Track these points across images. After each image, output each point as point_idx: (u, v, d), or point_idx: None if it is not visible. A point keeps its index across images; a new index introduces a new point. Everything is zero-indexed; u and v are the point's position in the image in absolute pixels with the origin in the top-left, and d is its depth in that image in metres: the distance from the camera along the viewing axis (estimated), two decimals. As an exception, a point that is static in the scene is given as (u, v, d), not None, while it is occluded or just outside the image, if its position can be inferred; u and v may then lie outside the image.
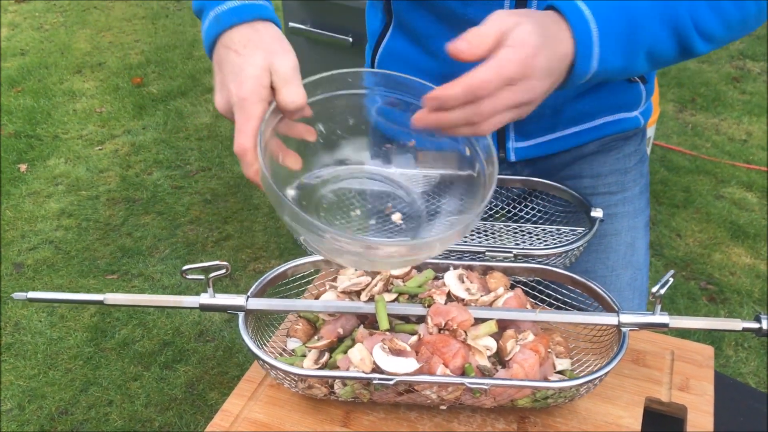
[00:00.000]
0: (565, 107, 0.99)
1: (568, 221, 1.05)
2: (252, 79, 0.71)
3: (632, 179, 1.10)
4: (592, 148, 1.06)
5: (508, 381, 0.76)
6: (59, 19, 4.72)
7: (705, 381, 0.88)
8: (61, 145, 3.32)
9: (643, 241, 1.13)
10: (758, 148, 3.15)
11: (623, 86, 1.02)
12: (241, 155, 0.71)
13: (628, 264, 1.11)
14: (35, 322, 2.33)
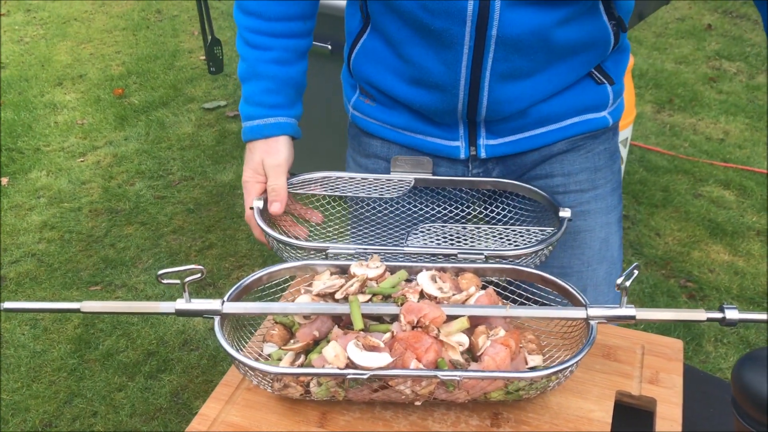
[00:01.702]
0: (532, 111, 1.01)
1: (538, 221, 1.07)
2: (251, 168, 1.09)
3: (603, 177, 1.12)
4: (562, 147, 1.08)
5: (480, 373, 0.78)
6: (39, 32, 4.71)
7: (674, 374, 0.90)
8: (43, 158, 3.32)
9: (617, 237, 1.15)
10: (735, 147, 3.19)
11: (590, 88, 1.04)
12: (248, 221, 1.08)
13: (603, 259, 1.13)
14: (18, 335, 2.32)
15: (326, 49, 2.45)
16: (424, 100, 1.01)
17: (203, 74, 4.04)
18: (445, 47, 0.93)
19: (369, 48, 1.05)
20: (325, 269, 0.94)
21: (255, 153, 1.07)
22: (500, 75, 0.95)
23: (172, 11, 4.94)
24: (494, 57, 0.93)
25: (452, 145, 1.05)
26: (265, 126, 1.07)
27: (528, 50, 0.93)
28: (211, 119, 3.61)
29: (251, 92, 1.08)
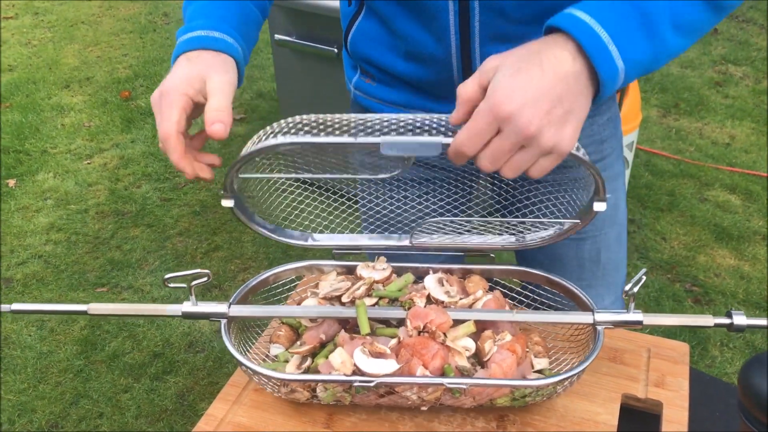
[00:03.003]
0: None
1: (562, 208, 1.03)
2: (183, 76, 0.82)
3: (609, 146, 1.13)
4: None
5: (486, 380, 0.78)
6: (47, 35, 4.74)
7: (680, 377, 0.90)
8: (50, 160, 3.33)
9: (623, 201, 1.18)
10: (741, 152, 3.18)
11: None
12: (163, 141, 0.81)
13: (613, 222, 1.15)
14: (25, 337, 2.33)
15: (332, 52, 2.45)
16: (421, 73, 1.01)
17: (209, 77, 4.04)
18: (431, 18, 0.94)
19: (364, 28, 1.05)
20: (332, 269, 0.95)
21: (196, 64, 0.84)
22: (489, 39, 0.94)
23: (179, 14, 4.96)
24: (480, 21, 0.92)
25: None
26: (217, 40, 0.87)
27: (514, 13, 0.92)
28: (218, 122, 3.61)
29: (199, 7, 0.91)
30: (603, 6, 0.72)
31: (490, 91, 0.69)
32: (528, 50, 0.71)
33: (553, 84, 0.68)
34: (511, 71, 0.69)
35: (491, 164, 0.71)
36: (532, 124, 0.67)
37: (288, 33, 2.56)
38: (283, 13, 2.53)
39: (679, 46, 0.76)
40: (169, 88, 0.81)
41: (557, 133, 0.69)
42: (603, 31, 0.70)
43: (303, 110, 2.86)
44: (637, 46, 0.73)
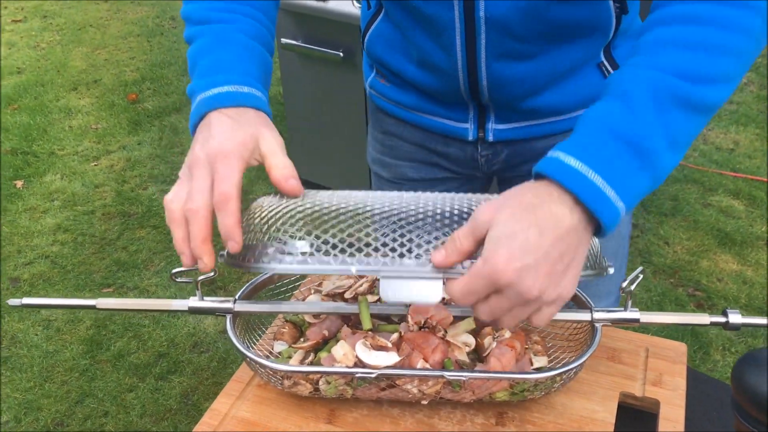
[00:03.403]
0: (538, 100, 1.02)
1: None
2: (238, 138, 0.76)
3: None
4: None
5: (485, 373, 0.79)
6: (55, 38, 4.77)
7: (678, 376, 0.91)
8: (57, 162, 3.36)
9: (627, 215, 1.18)
10: (745, 157, 3.19)
11: (598, 82, 1.04)
12: (223, 202, 0.73)
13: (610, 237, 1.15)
14: (31, 336, 2.35)
15: (338, 56, 2.47)
16: (431, 82, 1.03)
17: (216, 80, 4.07)
18: (439, 33, 0.95)
19: (381, 30, 1.07)
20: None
21: (243, 124, 0.78)
22: (495, 56, 0.95)
23: (186, 18, 4.99)
24: (487, 39, 0.93)
25: (461, 127, 1.08)
26: (252, 97, 0.81)
27: (521, 31, 0.92)
28: (224, 125, 3.64)
29: (219, 59, 0.83)
30: (592, 145, 0.68)
31: (487, 254, 0.64)
32: (521, 202, 0.66)
33: (553, 244, 0.65)
34: (506, 231, 0.64)
35: (489, 318, 0.68)
36: (534, 288, 0.64)
37: (294, 37, 2.58)
38: (290, 17, 2.55)
39: (678, 159, 0.72)
40: (228, 150, 0.74)
41: (559, 287, 0.67)
42: (597, 177, 0.66)
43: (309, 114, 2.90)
44: (635, 180, 0.68)
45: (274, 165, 0.77)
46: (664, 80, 0.69)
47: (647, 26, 0.75)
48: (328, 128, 2.75)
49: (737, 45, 0.71)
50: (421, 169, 1.19)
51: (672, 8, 0.73)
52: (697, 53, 0.70)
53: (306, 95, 2.75)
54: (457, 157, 1.15)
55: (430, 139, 1.15)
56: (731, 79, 0.72)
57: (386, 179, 1.24)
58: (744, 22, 0.71)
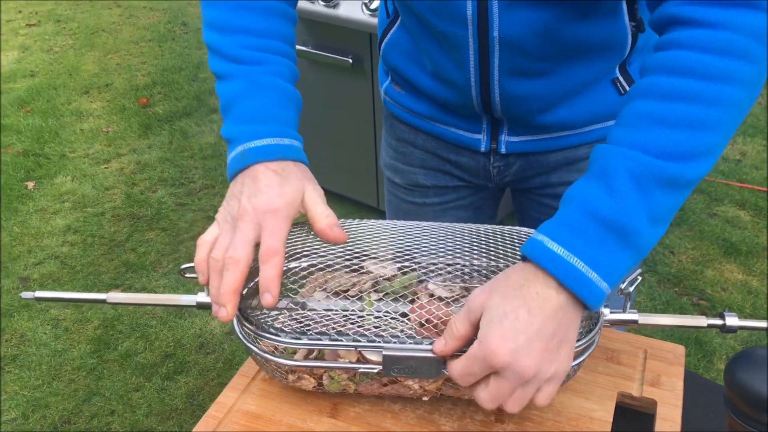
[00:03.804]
0: (551, 115, 1.03)
1: None
2: (286, 195, 0.81)
3: None
4: (586, 152, 1.10)
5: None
6: (68, 42, 4.83)
7: (675, 377, 0.92)
8: (68, 164, 3.40)
9: None
10: (752, 168, 3.20)
11: (613, 98, 1.05)
12: (269, 255, 0.77)
13: None
14: (40, 335, 2.38)
15: (347, 63, 2.50)
16: (444, 94, 1.04)
17: (226, 86, 4.11)
18: (453, 49, 0.96)
19: (397, 39, 1.09)
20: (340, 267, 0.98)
21: (288, 179, 0.82)
22: (508, 74, 0.96)
23: (198, 24, 5.04)
24: (500, 57, 0.94)
25: (474, 138, 1.09)
26: (294, 149, 0.85)
27: (535, 51, 0.93)
28: (233, 130, 3.67)
29: (257, 106, 0.86)
30: (574, 229, 0.69)
31: (482, 338, 0.68)
32: (510, 284, 0.70)
33: (543, 323, 0.67)
34: (498, 315, 0.68)
35: (493, 405, 0.70)
36: (530, 367, 0.67)
37: (304, 43, 2.61)
38: (300, 23, 2.58)
39: (662, 232, 0.72)
40: (276, 207, 0.79)
41: (554, 364, 0.69)
42: (579, 262, 0.68)
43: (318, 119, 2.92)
44: (618, 260, 0.69)
45: (317, 215, 0.83)
46: (646, 161, 0.68)
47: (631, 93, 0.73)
48: (336, 134, 2.78)
49: (723, 116, 0.69)
50: (433, 176, 1.21)
51: (660, 57, 0.72)
52: (679, 131, 0.68)
53: (315, 101, 2.78)
54: (469, 167, 1.16)
55: (442, 147, 1.16)
56: (716, 149, 0.70)
57: (399, 185, 1.25)
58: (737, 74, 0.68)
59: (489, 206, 1.29)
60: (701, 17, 0.69)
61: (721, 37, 0.68)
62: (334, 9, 2.37)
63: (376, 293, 0.92)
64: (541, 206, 1.20)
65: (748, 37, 0.68)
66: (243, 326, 0.89)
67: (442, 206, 1.24)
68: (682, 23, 0.71)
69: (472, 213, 1.27)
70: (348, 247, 0.91)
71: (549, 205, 1.19)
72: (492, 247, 0.90)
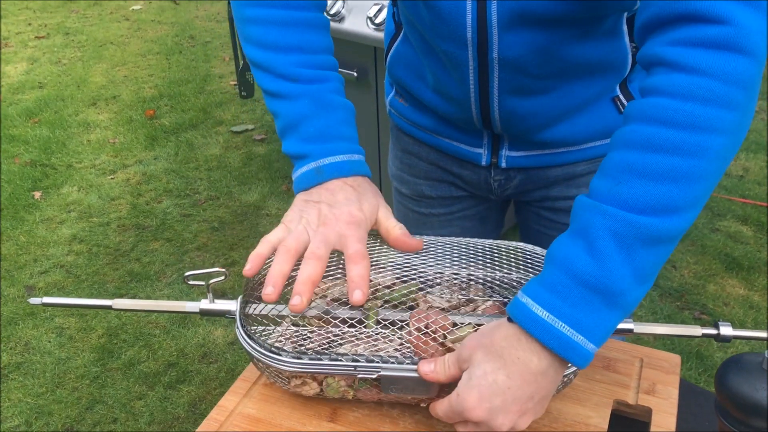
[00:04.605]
0: (552, 132, 1.04)
1: None
2: (367, 211, 0.88)
3: None
4: (586, 168, 1.12)
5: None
6: (77, 54, 4.88)
7: (670, 386, 0.94)
8: (75, 174, 3.43)
9: None
10: (754, 184, 3.21)
11: (612, 116, 1.06)
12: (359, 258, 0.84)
13: None
14: (44, 343, 2.40)
15: (352, 76, 2.53)
16: (446, 108, 1.06)
17: (232, 98, 4.15)
18: (453, 67, 0.98)
19: (401, 52, 1.11)
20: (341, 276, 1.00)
21: (363, 195, 0.89)
22: (508, 92, 0.98)
23: (205, 37, 5.10)
24: (499, 77, 0.96)
25: (475, 152, 1.11)
26: (362, 165, 0.93)
27: (533, 70, 0.95)
28: (239, 142, 3.71)
29: (326, 125, 0.91)
30: (559, 293, 0.69)
31: (460, 392, 0.72)
32: (493, 343, 0.72)
33: (521, 387, 0.70)
34: (478, 372, 0.71)
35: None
36: (504, 426, 0.71)
37: (309, 56, 2.64)
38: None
39: (648, 288, 0.71)
40: (358, 220, 0.86)
41: (529, 415, 0.73)
42: (564, 326, 0.68)
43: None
44: (604, 321, 0.69)
45: (392, 227, 0.89)
46: (628, 220, 0.67)
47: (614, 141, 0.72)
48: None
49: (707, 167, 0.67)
50: (437, 187, 1.23)
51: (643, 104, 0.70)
52: (662, 184, 0.67)
53: (320, 113, 2.80)
54: (471, 180, 1.18)
55: (445, 159, 1.18)
56: (700, 200, 0.68)
57: (406, 195, 1.28)
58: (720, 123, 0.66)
59: (494, 217, 1.31)
60: (683, 61, 0.67)
61: (703, 84, 0.65)
62: (340, 23, 2.40)
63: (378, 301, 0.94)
64: (540, 218, 1.22)
65: (730, 84, 0.65)
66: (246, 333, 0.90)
67: (447, 216, 1.26)
68: (665, 65, 0.69)
69: (478, 223, 1.28)
70: None
71: (548, 218, 1.20)
72: (489, 259, 0.92)
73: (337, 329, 0.86)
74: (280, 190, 3.28)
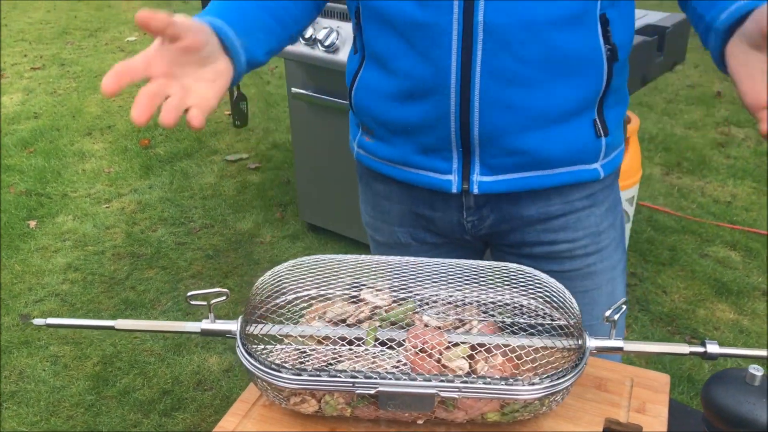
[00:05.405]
0: (531, 145, 1.03)
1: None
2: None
3: (607, 237, 1.15)
4: (561, 209, 1.11)
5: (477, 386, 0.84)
6: (72, 85, 4.93)
7: (660, 405, 0.96)
8: (70, 203, 3.45)
9: (622, 286, 1.20)
10: (742, 210, 3.26)
11: (588, 137, 1.06)
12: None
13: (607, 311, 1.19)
14: (39, 371, 2.40)
15: (346, 105, 2.57)
16: (418, 114, 1.04)
17: (227, 128, 4.20)
18: (434, 45, 0.97)
19: (366, 79, 1.10)
20: (338, 298, 1.02)
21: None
22: (491, 74, 0.97)
23: (199, 68, 5.15)
24: (483, 49, 0.96)
25: (445, 179, 1.08)
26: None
27: (518, 48, 0.95)
28: (233, 171, 3.74)
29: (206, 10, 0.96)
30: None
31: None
32: None
33: None
34: None
35: None
36: None
37: (304, 86, 2.69)
38: (300, 68, 2.67)
39: None
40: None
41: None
42: None
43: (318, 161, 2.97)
44: None
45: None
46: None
47: None
48: (336, 175, 2.84)
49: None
50: (412, 233, 1.21)
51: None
52: None
53: (315, 143, 2.84)
54: (444, 224, 1.16)
55: (417, 201, 1.16)
56: None
57: (381, 242, 1.26)
58: None
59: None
60: None
61: None
62: (334, 54, 2.46)
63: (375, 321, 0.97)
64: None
65: None
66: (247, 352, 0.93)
67: None
68: None
69: None
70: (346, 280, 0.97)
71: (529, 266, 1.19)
72: (483, 281, 0.95)
73: (336, 347, 0.88)
74: (275, 217, 3.31)
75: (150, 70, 0.82)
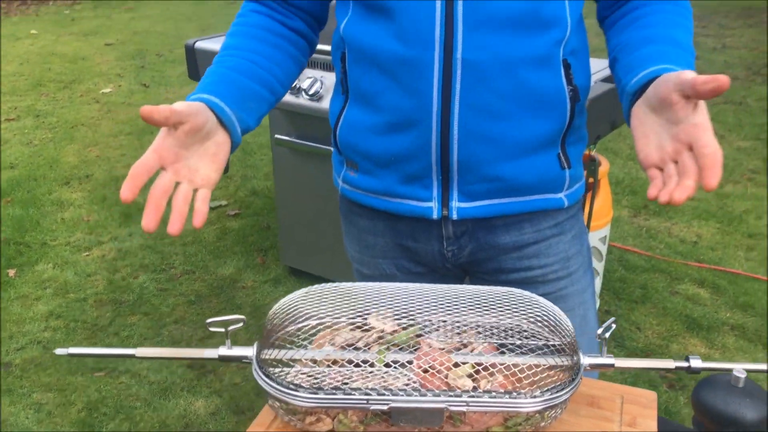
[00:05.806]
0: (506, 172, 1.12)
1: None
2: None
3: (576, 262, 1.25)
4: (532, 237, 1.20)
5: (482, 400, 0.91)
6: (48, 135, 4.95)
7: (649, 419, 1.03)
8: (50, 251, 3.45)
9: (593, 311, 1.29)
10: (708, 249, 3.39)
11: (554, 169, 1.15)
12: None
13: (583, 333, 1.26)
14: (22, 419, 2.38)
15: (329, 151, 2.65)
16: (401, 144, 1.11)
17: (205, 176, 4.24)
18: (416, 78, 1.05)
19: (351, 117, 1.16)
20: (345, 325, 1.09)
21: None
22: (470, 106, 1.05)
23: (176, 118, 5.21)
24: (462, 83, 1.04)
25: (426, 206, 1.15)
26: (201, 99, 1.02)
27: (494, 82, 1.03)
28: (213, 217, 3.78)
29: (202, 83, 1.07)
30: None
31: None
32: None
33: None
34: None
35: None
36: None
37: (287, 132, 2.77)
38: (283, 115, 2.75)
39: None
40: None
41: None
42: None
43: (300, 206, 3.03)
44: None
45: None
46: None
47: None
48: (319, 220, 2.91)
49: None
50: (396, 264, 1.28)
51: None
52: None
53: (298, 188, 2.91)
54: (426, 253, 1.24)
55: (399, 234, 1.24)
56: None
57: (367, 275, 1.33)
58: None
59: None
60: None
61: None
62: (318, 102, 2.55)
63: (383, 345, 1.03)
64: None
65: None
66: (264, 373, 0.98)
67: None
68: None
69: None
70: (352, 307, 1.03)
71: None
72: (484, 305, 1.02)
73: (348, 368, 0.94)
74: (255, 262, 3.35)
75: (162, 161, 0.95)
